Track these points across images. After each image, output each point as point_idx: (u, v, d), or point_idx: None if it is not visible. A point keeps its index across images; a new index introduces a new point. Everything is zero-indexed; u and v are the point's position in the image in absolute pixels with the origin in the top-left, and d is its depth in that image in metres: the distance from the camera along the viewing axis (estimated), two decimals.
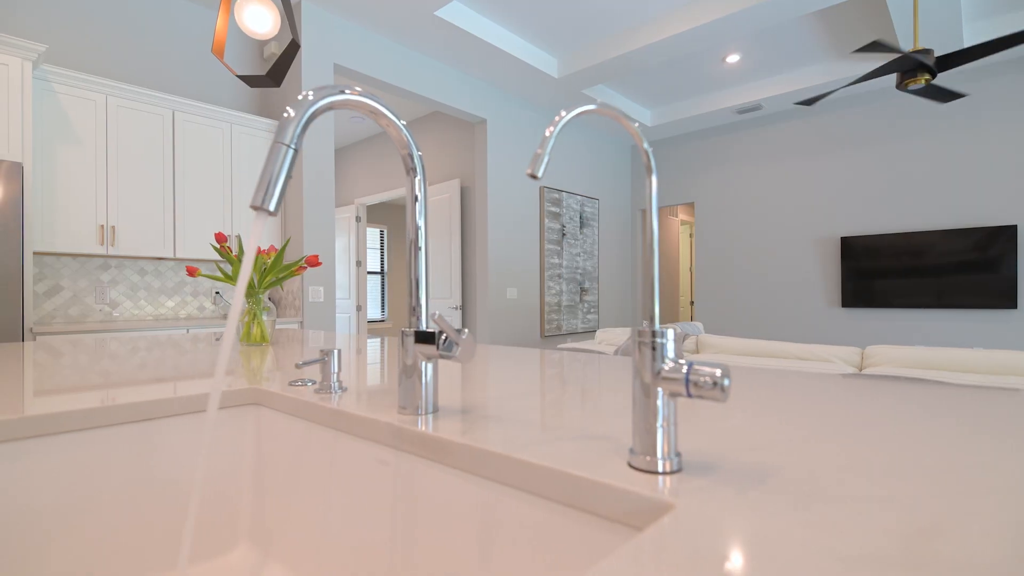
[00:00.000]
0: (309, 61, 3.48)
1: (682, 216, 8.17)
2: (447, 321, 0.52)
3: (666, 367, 0.40)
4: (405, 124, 0.59)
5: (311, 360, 0.72)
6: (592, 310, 5.95)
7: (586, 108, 0.39)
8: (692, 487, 0.36)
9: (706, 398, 0.37)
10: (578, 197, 5.75)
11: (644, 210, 6.90)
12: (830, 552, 0.27)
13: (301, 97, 0.51)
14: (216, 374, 0.47)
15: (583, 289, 5.79)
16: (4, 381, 0.86)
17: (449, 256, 4.96)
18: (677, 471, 0.40)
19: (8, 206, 2.45)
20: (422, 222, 0.63)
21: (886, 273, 4.94)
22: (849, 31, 4.24)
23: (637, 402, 0.41)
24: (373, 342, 1.50)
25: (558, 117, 0.39)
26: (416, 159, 0.61)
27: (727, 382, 0.37)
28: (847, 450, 0.45)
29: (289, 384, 0.80)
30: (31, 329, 2.56)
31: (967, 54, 2.80)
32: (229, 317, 0.47)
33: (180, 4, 3.50)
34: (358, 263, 5.81)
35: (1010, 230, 4.36)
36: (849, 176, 5.20)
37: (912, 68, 2.84)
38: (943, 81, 3.08)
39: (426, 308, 0.63)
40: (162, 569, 0.70)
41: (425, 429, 0.54)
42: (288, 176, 0.49)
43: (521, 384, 0.79)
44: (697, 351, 2.75)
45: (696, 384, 0.37)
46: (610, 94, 5.38)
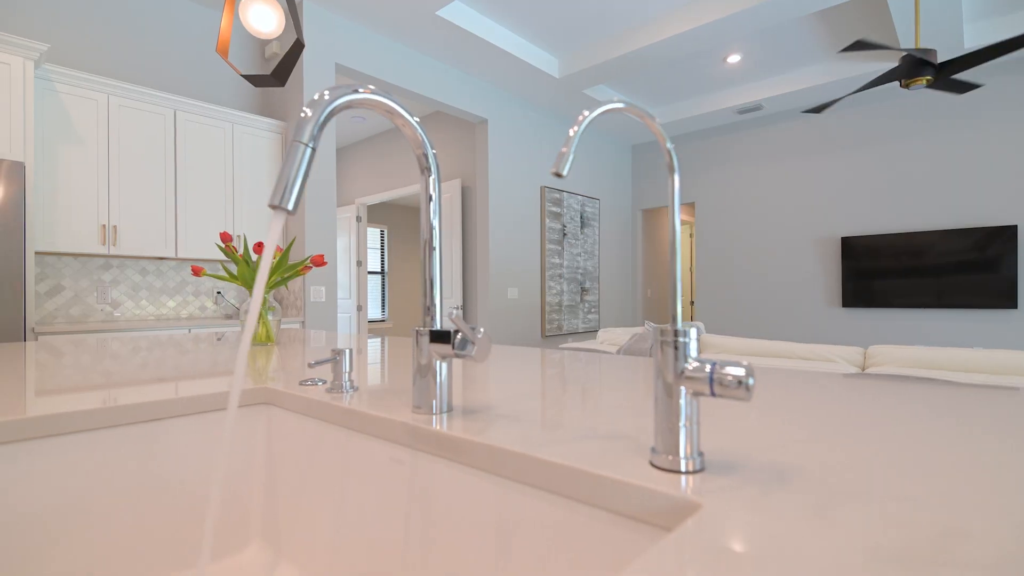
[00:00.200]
0: (310, 61, 3.47)
1: (683, 216, 8.18)
2: (463, 320, 0.52)
3: (689, 366, 0.40)
4: (419, 121, 0.59)
5: (323, 359, 0.72)
6: (593, 310, 5.95)
7: (613, 106, 0.39)
8: (716, 487, 0.36)
9: (730, 397, 0.37)
10: (579, 197, 5.76)
11: (642, 210, 6.89)
12: (865, 552, 0.27)
13: (317, 97, 0.51)
14: (236, 373, 0.47)
15: (584, 289, 5.79)
16: (8, 382, 0.85)
17: (450, 256, 4.96)
18: (700, 471, 0.40)
19: (10, 205, 2.45)
20: (436, 222, 0.63)
21: (886, 273, 4.95)
22: (850, 31, 4.25)
23: (659, 401, 0.41)
24: (376, 342, 1.50)
25: (582, 116, 0.39)
26: (431, 158, 0.61)
27: (751, 381, 0.37)
28: (865, 450, 0.45)
29: (299, 384, 0.80)
30: (33, 329, 2.56)
31: (971, 59, 2.80)
32: (248, 315, 0.47)
33: (182, 4, 3.49)
34: (359, 263, 5.81)
35: (1010, 230, 4.37)
36: (849, 176, 5.21)
37: (915, 69, 2.84)
38: (945, 82, 3.08)
39: (440, 307, 0.63)
40: (167, 570, 0.70)
41: (442, 428, 0.54)
42: (306, 175, 0.49)
43: (530, 384, 0.79)
44: (699, 351, 2.75)
45: (721, 383, 0.37)
46: (611, 94, 5.39)
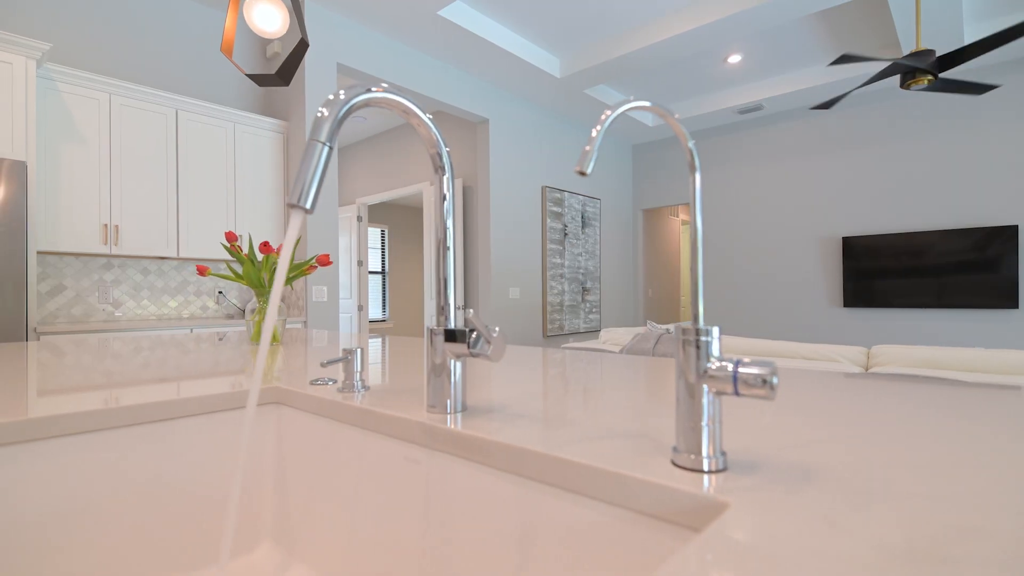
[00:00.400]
0: (312, 60, 3.47)
1: (683, 216, 8.19)
2: (480, 319, 0.52)
3: (712, 366, 0.40)
4: (431, 118, 0.59)
5: (335, 359, 0.72)
6: (594, 310, 5.95)
7: (638, 104, 0.39)
8: (741, 486, 0.36)
9: (754, 396, 0.37)
10: (580, 197, 5.76)
11: (643, 210, 6.89)
12: (901, 551, 0.27)
13: (333, 96, 0.51)
14: (255, 372, 0.46)
15: (585, 289, 5.79)
16: (11, 383, 0.85)
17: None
18: (723, 470, 0.40)
19: (11, 205, 2.44)
20: (451, 222, 0.63)
21: (887, 273, 4.95)
22: (851, 32, 4.25)
23: (681, 400, 0.41)
24: (380, 342, 1.50)
25: (604, 115, 0.39)
26: (445, 157, 0.61)
27: (776, 380, 0.37)
28: (883, 449, 0.45)
29: (310, 383, 0.80)
30: (35, 329, 2.55)
31: (967, 52, 2.80)
32: (267, 314, 0.47)
33: (184, 3, 3.49)
34: (359, 263, 5.80)
35: (1011, 230, 4.38)
36: (850, 176, 5.22)
37: (917, 69, 2.85)
38: (961, 84, 3.08)
39: (454, 307, 0.63)
40: (172, 572, 0.70)
41: (458, 428, 0.53)
42: (324, 174, 0.49)
43: (539, 383, 0.79)
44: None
45: (745, 383, 0.37)
46: (612, 94, 5.39)
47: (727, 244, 6.04)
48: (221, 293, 3.59)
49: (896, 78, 4.83)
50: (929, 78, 2.94)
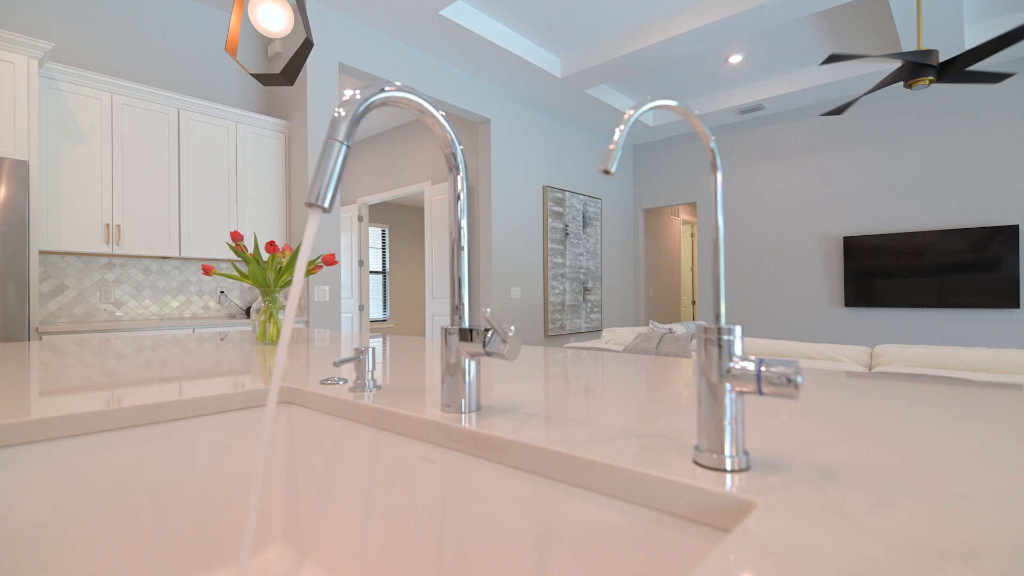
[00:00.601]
0: (314, 60, 3.47)
1: (683, 216, 8.19)
2: (497, 319, 0.52)
3: (735, 365, 0.40)
4: (444, 115, 0.59)
5: (348, 358, 0.71)
6: (595, 309, 5.95)
7: (663, 103, 0.39)
8: (766, 485, 0.36)
9: (778, 395, 0.37)
10: (581, 197, 5.76)
11: (643, 210, 6.88)
12: (935, 549, 0.27)
13: (349, 96, 0.51)
14: (275, 372, 0.46)
15: (586, 289, 5.79)
16: (15, 383, 0.85)
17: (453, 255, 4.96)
18: (745, 469, 0.40)
19: (13, 204, 2.44)
20: (464, 222, 0.63)
21: (888, 273, 4.96)
22: (852, 32, 4.25)
23: (703, 399, 0.41)
24: (383, 341, 1.50)
25: (627, 115, 0.39)
26: (459, 157, 0.61)
27: (800, 379, 0.37)
28: (903, 448, 0.45)
29: (321, 382, 0.79)
30: (37, 329, 2.55)
31: (968, 57, 2.80)
32: (287, 313, 0.47)
33: (186, 2, 3.48)
34: (360, 262, 5.80)
35: (1011, 230, 4.38)
36: (851, 176, 5.22)
37: (918, 69, 2.85)
38: (975, 75, 3.08)
39: (469, 307, 0.63)
40: (182, 572, 0.70)
41: (474, 427, 0.53)
42: (342, 173, 0.49)
43: (550, 382, 0.79)
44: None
45: (769, 382, 0.37)
46: (613, 94, 5.39)
47: (728, 244, 6.04)
48: (223, 293, 3.59)
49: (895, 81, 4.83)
50: (931, 78, 2.94)
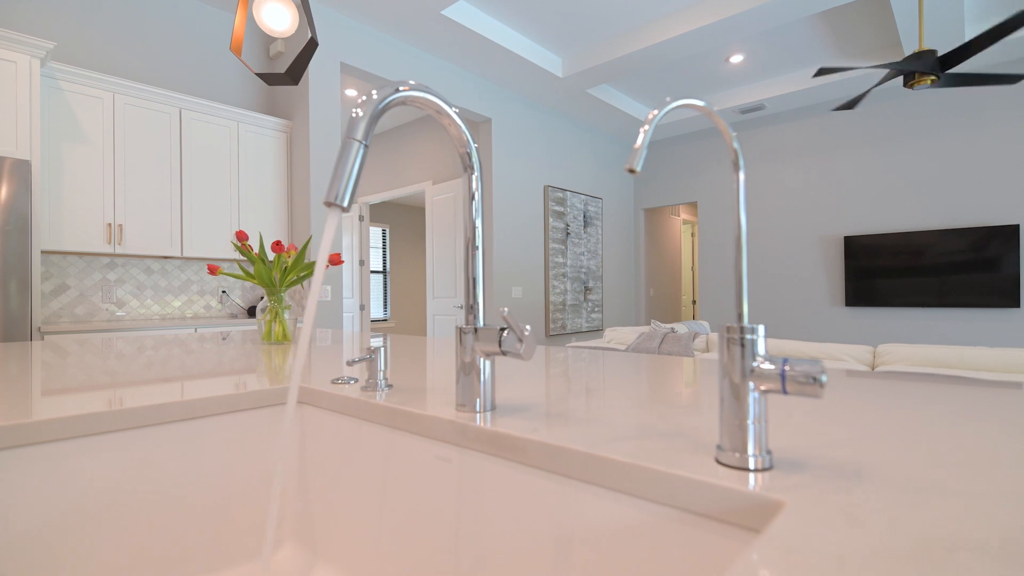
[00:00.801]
0: (315, 60, 3.46)
1: (684, 215, 8.19)
2: (514, 318, 0.52)
3: (759, 364, 0.40)
4: (457, 112, 0.59)
5: (361, 357, 0.71)
6: (596, 309, 5.95)
7: (690, 102, 0.39)
8: (792, 484, 0.36)
9: (803, 394, 0.37)
10: (582, 196, 5.76)
11: (644, 210, 6.89)
12: (973, 545, 0.27)
13: (366, 97, 0.51)
14: (293, 371, 0.46)
15: (587, 288, 5.79)
16: (18, 384, 0.85)
17: (454, 255, 4.96)
18: (768, 468, 0.40)
19: (16, 204, 2.44)
20: (479, 221, 0.62)
21: (889, 272, 4.97)
22: (853, 32, 4.26)
23: (726, 399, 0.41)
24: (386, 341, 1.50)
25: (651, 115, 0.39)
26: (475, 156, 0.61)
27: (825, 378, 0.37)
28: (922, 446, 0.45)
29: (331, 382, 0.79)
30: (39, 328, 2.54)
31: (970, 48, 2.79)
32: (306, 315, 0.47)
33: (188, 2, 3.48)
34: (361, 262, 5.80)
35: (1011, 229, 4.39)
36: (852, 176, 5.23)
37: (924, 69, 2.85)
38: (988, 77, 3.08)
39: (483, 306, 0.63)
40: (192, 573, 0.70)
41: (490, 426, 0.53)
42: (360, 172, 0.49)
43: (561, 382, 0.79)
44: (707, 350, 2.76)
45: (795, 381, 0.37)
46: (614, 94, 5.39)
47: (729, 243, 6.05)
48: (224, 292, 3.58)
49: (900, 77, 4.84)
50: (932, 78, 2.94)
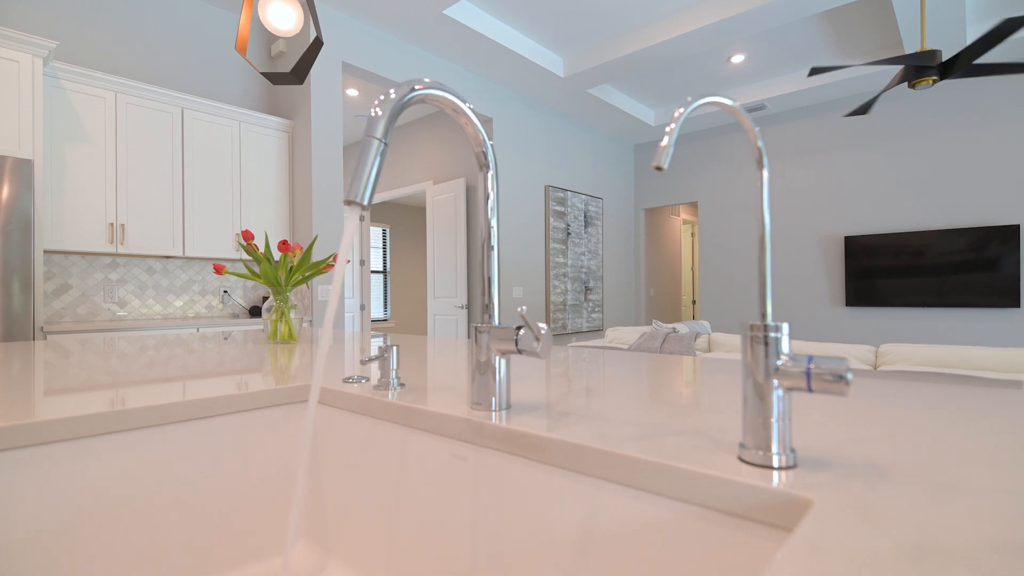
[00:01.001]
0: (317, 59, 3.46)
1: (684, 215, 8.20)
2: (530, 317, 0.52)
3: (782, 361, 0.40)
4: (472, 108, 0.59)
5: (374, 356, 0.71)
6: (597, 309, 5.96)
7: (715, 99, 0.39)
8: (818, 482, 0.37)
9: (828, 392, 0.37)
10: (582, 196, 5.76)
11: (645, 210, 6.88)
12: (1009, 544, 0.27)
13: (384, 96, 0.51)
14: (315, 370, 0.46)
15: (587, 288, 5.80)
16: (21, 384, 0.85)
17: (455, 255, 4.96)
18: (793, 467, 0.40)
19: (18, 204, 2.43)
20: (495, 221, 0.62)
21: (889, 272, 4.97)
22: (854, 32, 4.26)
23: (749, 397, 0.41)
24: (385, 341, 1.50)
25: (677, 112, 0.39)
26: (491, 155, 0.61)
27: (850, 376, 0.37)
28: (944, 444, 0.45)
29: (343, 381, 0.79)
30: (41, 328, 2.54)
31: (971, 51, 2.80)
32: (327, 313, 0.47)
33: (190, 2, 3.48)
34: (361, 262, 5.79)
35: (1011, 229, 4.40)
36: (852, 176, 5.23)
37: (921, 69, 2.86)
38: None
39: (498, 305, 0.63)
40: (201, 574, 0.70)
41: (511, 425, 0.53)
42: (380, 170, 0.49)
43: (572, 381, 0.79)
44: (709, 349, 2.76)
45: (820, 379, 0.37)
46: (615, 93, 5.39)
47: (729, 243, 6.05)
48: (226, 292, 3.58)
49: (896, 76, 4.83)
50: (934, 78, 2.95)
